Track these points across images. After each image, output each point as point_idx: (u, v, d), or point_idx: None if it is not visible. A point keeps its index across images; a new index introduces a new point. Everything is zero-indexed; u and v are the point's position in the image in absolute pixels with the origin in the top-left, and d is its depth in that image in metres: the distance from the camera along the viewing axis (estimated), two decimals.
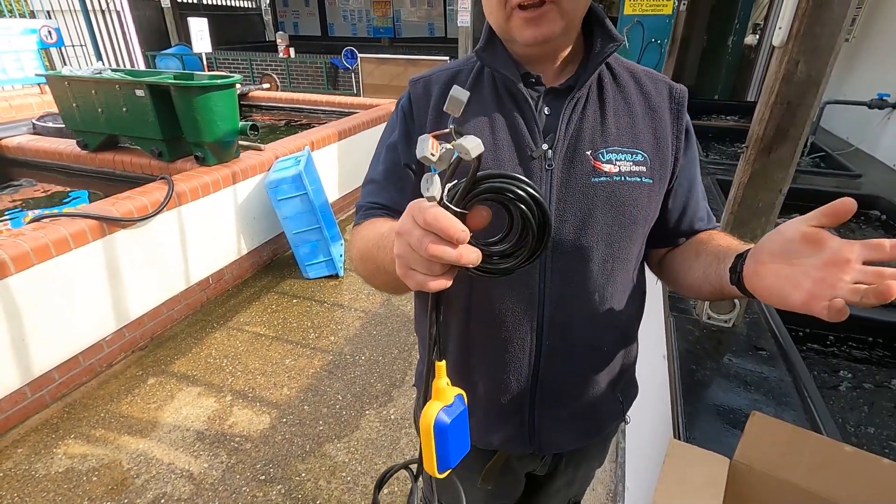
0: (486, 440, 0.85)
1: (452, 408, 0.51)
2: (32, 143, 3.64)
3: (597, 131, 0.71)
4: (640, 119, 0.73)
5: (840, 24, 0.87)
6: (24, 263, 1.99)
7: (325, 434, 2.08)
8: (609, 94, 0.73)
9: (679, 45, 4.89)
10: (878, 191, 2.02)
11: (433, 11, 10.64)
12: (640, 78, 0.76)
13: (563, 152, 0.70)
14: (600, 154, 0.70)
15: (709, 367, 1.05)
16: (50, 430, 2.08)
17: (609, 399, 0.85)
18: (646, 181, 0.71)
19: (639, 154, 0.71)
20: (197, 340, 2.67)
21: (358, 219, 0.79)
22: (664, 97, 0.75)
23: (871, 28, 2.78)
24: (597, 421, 0.86)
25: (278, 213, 3.10)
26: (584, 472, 1.00)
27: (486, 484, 0.90)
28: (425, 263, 0.45)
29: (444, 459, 0.51)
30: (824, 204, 0.53)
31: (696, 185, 0.80)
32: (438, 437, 0.50)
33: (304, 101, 5.44)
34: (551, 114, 0.71)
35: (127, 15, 8.29)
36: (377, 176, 0.79)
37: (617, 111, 0.72)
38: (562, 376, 0.78)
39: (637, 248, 0.77)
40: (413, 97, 0.77)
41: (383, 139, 0.81)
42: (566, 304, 0.73)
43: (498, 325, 0.75)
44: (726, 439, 0.87)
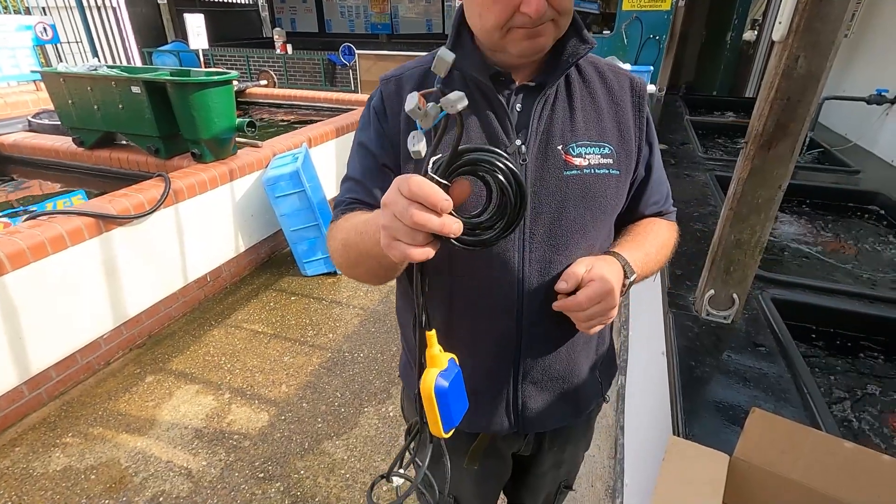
0: (471, 423, 0.85)
1: (448, 371, 0.55)
2: (28, 140, 3.62)
3: (566, 126, 0.74)
4: (606, 113, 0.76)
5: (840, 19, 0.87)
6: (20, 261, 1.97)
7: (323, 431, 2.08)
8: (576, 90, 0.76)
9: (677, 40, 4.88)
10: (876, 186, 2.02)
11: (431, 7, 10.60)
12: (603, 72, 0.79)
13: (536, 147, 0.73)
14: (571, 148, 0.73)
15: (708, 364, 1.05)
16: (48, 429, 2.07)
17: (589, 378, 0.89)
18: (613, 172, 0.75)
19: (606, 147, 0.75)
20: (195, 338, 2.66)
21: (335, 214, 0.80)
22: (626, 90, 0.79)
23: (870, 24, 2.78)
24: (577, 400, 0.89)
25: (276, 210, 3.09)
26: (570, 453, 1.02)
27: (473, 463, 0.93)
28: (409, 233, 0.47)
29: (448, 419, 0.55)
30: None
31: (653, 170, 0.84)
32: (440, 400, 0.54)
33: (302, 98, 5.42)
34: (523, 110, 0.74)
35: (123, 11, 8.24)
36: (356, 175, 0.80)
37: (584, 106, 0.75)
38: (542, 359, 0.82)
39: (605, 235, 0.82)
40: (385, 96, 0.77)
41: (357, 136, 0.82)
42: (544, 291, 0.76)
43: (480, 313, 0.78)
44: (726, 436, 0.87)
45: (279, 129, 4.54)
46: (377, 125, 0.77)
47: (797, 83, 0.92)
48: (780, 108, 0.94)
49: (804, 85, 0.92)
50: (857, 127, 2.63)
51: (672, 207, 0.92)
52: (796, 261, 1.62)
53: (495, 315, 0.78)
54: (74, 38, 7.09)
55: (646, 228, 0.85)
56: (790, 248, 1.69)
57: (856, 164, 2.24)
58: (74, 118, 3.16)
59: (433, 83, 0.75)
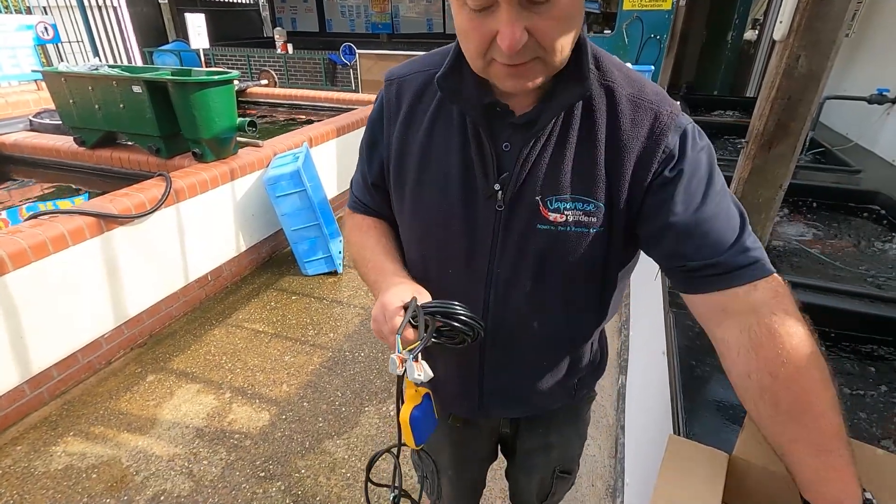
0: (444, 407, 0.96)
1: (422, 405, 0.72)
2: (30, 140, 3.62)
3: (551, 176, 0.67)
4: (603, 161, 0.66)
5: (841, 19, 0.87)
6: (21, 261, 1.98)
7: (324, 431, 2.08)
8: (574, 131, 0.66)
9: (678, 40, 4.89)
10: (877, 186, 2.01)
11: (432, 7, 10.60)
12: (618, 105, 0.65)
13: (512, 195, 0.69)
14: (549, 201, 0.68)
15: (708, 363, 1.05)
16: (49, 428, 2.08)
17: (559, 389, 0.90)
18: (593, 231, 0.68)
19: (590, 203, 0.67)
20: (196, 337, 2.66)
21: (349, 202, 0.91)
22: (643, 128, 0.64)
23: (871, 23, 2.77)
24: (544, 399, 0.91)
25: (277, 209, 3.09)
26: (557, 437, 1.02)
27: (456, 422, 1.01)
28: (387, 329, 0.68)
29: (420, 437, 0.73)
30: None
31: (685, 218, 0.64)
32: (413, 426, 0.71)
33: (303, 98, 5.42)
34: (510, 149, 0.68)
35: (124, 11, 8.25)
36: (359, 178, 0.87)
37: (580, 152, 0.66)
38: (505, 374, 0.86)
39: (581, 284, 0.75)
40: (385, 100, 0.77)
41: (362, 144, 0.84)
42: (505, 322, 0.78)
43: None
44: (726, 435, 0.87)
45: (280, 129, 4.54)
46: (372, 136, 0.81)
47: (798, 82, 0.92)
48: (781, 107, 0.94)
49: (805, 84, 0.92)
50: (858, 126, 2.62)
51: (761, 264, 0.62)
52: (796, 260, 1.61)
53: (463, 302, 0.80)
54: (76, 38, 7.09)
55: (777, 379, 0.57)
56: (790, 248, 1.69)
57: (856, 163, 2.24)
58: (76, 118, 3.17)
59: (427, 105, 0.74)
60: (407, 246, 0.83)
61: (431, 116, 0.72)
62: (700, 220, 0.64)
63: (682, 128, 0.65)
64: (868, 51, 2.78)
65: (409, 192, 0.76)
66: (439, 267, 0.78)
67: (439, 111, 0.72)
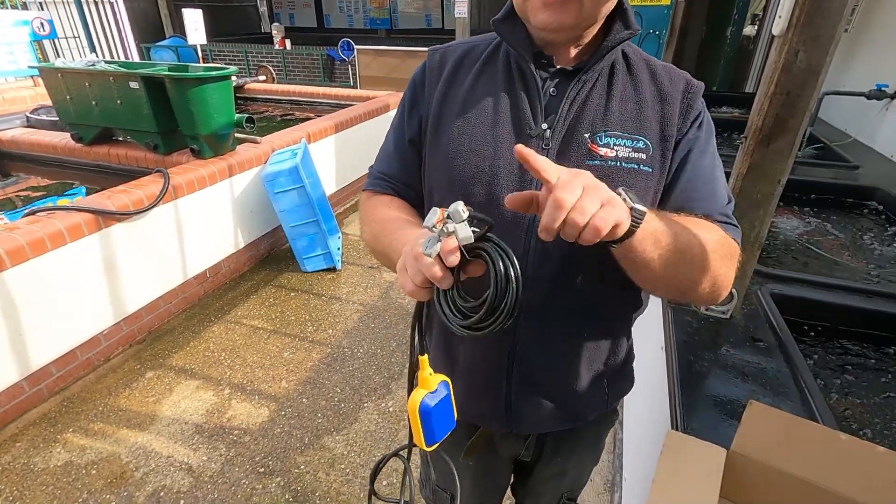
0: (465, 413, 0.86)
1: (436, 393, 0.60)
2: (27, 136, 3.61)
3: (598, 115, 0.70)
4: (649, 107, 0.71)
5: (840, 13, 0.87)
6: (19, 257, 1.97)
7: (323, 426, 2.09)
8: (619, 80, 0.72)
9: (677, 35, 4.87)
10: (875, 182, 2.02)
11: (430, 2, 10.55)
12: (656, 70, 0.74)
13: (562, 133, 0.70)
14: (598, 137, 0.69)
15: (706, 359, 1.06)
16: (48, 424, 2.08)
17: (590, 388, 0.84)
18: (644, 169, 0.69)
19: (640, 140, 0.70)
20: (195, 334, 2.66)
21: (368, 184, 0.87)
22: (678, 90, 0.73)
23: (870, 18, 2.77)
24: (574, 407, 0.85)
25: (275, 206, 3.09)
26: (574, 464, 0.99)
27: (469, 458, 0.93)
28: (413, 268, 0.55)
29: (431, 435, 0.60)
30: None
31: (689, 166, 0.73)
32: (423, 418, 0.59)
33: (301, 94, 5.40)
34: (557, 94, 0.71)
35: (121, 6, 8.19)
36: (389, 147, 0.85)
37: (624, 97, 0.71)
38: (537, 356, 0.79)
39: None
40: (428, 67, 0.81)
41: (398, 110, 0.86)
42: (542, 285, 0.73)
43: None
44: (724, 430, 0.87)
45: (278, 125, 4.53)
46: (412, 93, 0.81)
47: (797, 78, 0.92)
48: (780, 102, 0.94)
49: (804, 79, 0.92)
50: (857, 122, 2.62)
51: (729, 219, 0.72)
52: (795, 256, 1.62)
53: None
54: (72, 34, 7.05)
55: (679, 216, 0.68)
56: (789, 243, 1.69)
57: (855, 159, 2.24)
58: (72, 114, 3.15)
59: (474, 60, 0.78)
60: (439, 201, 0.79)
61: (476, 72, 0.77)
62: (711, 176, 0.72)
63: (703, 98, 0.74)
64: (867, 46, 2.78)
65: (450, 140, 0.75)
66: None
67: (483, 67, 0.77)
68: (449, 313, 0.55)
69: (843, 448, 0.60)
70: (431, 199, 0.81)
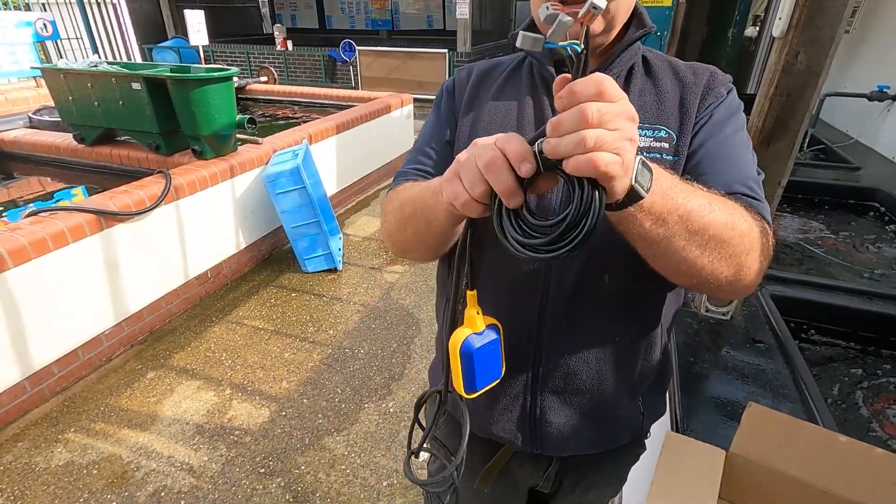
0: (486, 428, 0.82)
1: (482, 336, 0.54)
2: (29, 136, 3.62)
3: None
4: (670, 97, 0.71)
5: (841, 15, 0.87)
6: (21, 258, 1.98)
7: (324, 427, 2.09)
8: (637, 78, 0.73)
9: (679, 36, 4.87)
10: (877, 183, 2.01)
11: (431, 3, 10.57)
12: (678, 67, 0.75)
13: None
14: None
15: (707, 360, 1.06)
16: (50, 424, 2.08)
17: (624, 402, 0.78)
18: (667, 158, 0.68)
19: (662, 130, 0.70)
20: (196, 334, 2.67)
21: (396, 183, 0.80)
22: (701, 80, 0.72)
23: (872, 20, 2.76)
24: (608, 425, 0.78)
25: (276, 206, 3.09)
26: (594, 498, 0.91)
27: (484, 485, 0.87)
28: (473, 176, 0.48)
29: (471, 382, 0.54)
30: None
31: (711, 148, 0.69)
32: (464, 361, 0.53)
33: (302, 95, 5.41)
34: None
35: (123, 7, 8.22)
36: (420, 147, 0.84)
37: (644, 91, 0.72)
38: (566, 361, 0.73)
39: None
40: (457, 80, 0.85)
41: (429, 117, 0.87)
42: (571, 279, 0.69)
43: (500, 298, 0.72)
44: (723, 431, 0.87)
45: (279, 126, 4.54)
46: (447, 102, 0.83)
47: (797, 79, 0.92)
48: (780, 104, 0.94)
49: (804, 81, 0.92)
50: (859, 123, 2.62)
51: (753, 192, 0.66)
52: (796, 257, 1.62)
53: (517, 297, 0.72)
54: (74, 35, 7.08)
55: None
56: (790, 245, 1.69)
57: (856, 160, 2.24)
58: (75, 114, 3.16)
59: (499, 74, 0.81)
60: None
61: (501, 83, 0.80)
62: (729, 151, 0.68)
63: (730, 85, 0.74)
64: (869, 47, 2.77)
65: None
66: None
67: (508, 79, 0.79)
68: (511, 230, 0.48)
69: (842, 450, 0.60)
70: None
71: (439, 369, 0.93)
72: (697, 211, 0.53)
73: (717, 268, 0.57)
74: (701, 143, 0.69)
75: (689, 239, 0.53)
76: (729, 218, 0.56)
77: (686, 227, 0.52)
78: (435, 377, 0.97)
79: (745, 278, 0.60)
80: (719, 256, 0.56)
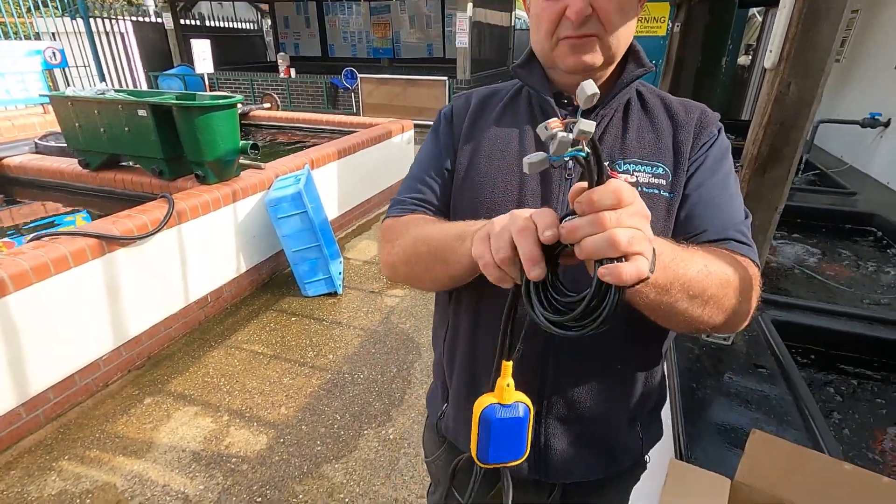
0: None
1: (508, 409, 0.53)
2: (34, 162, 3.67)
3: (616, 144, 0.73)
4: (665, 136, 0.74)
5: (829, 47, 0.89)
6: (23, 282, 1.98)
7: (322, 454, 2.06)
8: (634, 114, 0.75)
9: (674, 65, 4.98)
10: (873, 208, 2.03)
11: (432, 33, 10.83)
12: (671, 104, 0.77)
13: None
14: (618, 164, 0.72)
15: (709, 386, 1.05)
16: (44, 452, 2.05)
17: (625, 428, 0.80)
18: (664, 194, 0.71)
19: (659, 167, 0.72)
20: (194, 359, 2.65)
21: (395, 212, 0.82)
22: (693, 118, 0.75)
23: (862, 49, 2.84)
24: (610, 451, 0.80)
25: (278, 231, 3.11)
26: None
27: None
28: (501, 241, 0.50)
29: (484, 451, 0.53)
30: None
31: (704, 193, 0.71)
32: (482, 427, 0.53)
33: (305, 121, 5.51)
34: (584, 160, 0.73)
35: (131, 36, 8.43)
36: (419, 175, 0.84)
37: (641, 128, 0.74)
38: (571, 392, 0.75)
39: None
40: (454, 107, 0.85)
41: (426, 140, 0.88)
42: None
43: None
44: (728, 459, 0.86)
45: (282, 151, 4.60)
46: (445, 128, 0.84)
47: (789, 109, 0.94)
48: (774, 133, 0.96)
49: (796, 111, 0.94)
50: (853, 149, 2.66)
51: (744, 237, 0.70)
52: (795, 282, 1.62)
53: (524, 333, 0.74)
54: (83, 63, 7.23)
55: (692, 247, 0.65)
56: (789, 270, 1.70)
57: (852, 185, 2.27)
58: (81, 140, 3.21)
59: (497, 101, 0.81)
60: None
61: (500, 111, 0.81)
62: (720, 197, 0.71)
63: (720, 124, 0.77)
64: (860, 75, 2.84)
65: (478, 171, 0.77)
66: None
67: (506, 107, 0.81)
68: (538, 305, 0.49)
69: (847, 478, 0.60)
70: None
71: (438, 395, 0.94)
72: (696, 277, 0.57)
73: (714, 318, 0.62)
74: (697, 187, 0.72)
75: (691, 302, 0.58)
76: (724, 276, 0.61)
77: (687, 292, 0.56)
78: (433, 403, 0.97)
79: (741, 321, 0.66)
80: (718, 310, 0.61)
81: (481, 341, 0.79)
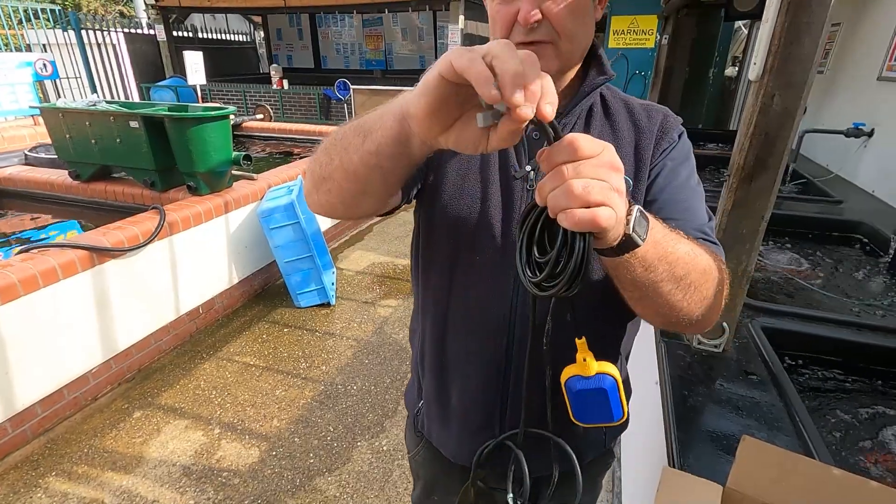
0: (459, 454, 0.88)
1: (590, 380, 0.60)
2: (24, 173, 3.64)
3: None
4: (626, 144, 0.74)
5: (811, 60, 0.92)
6: (10, 295, 1.96)
7: (315, 467, 2.03)
8: (596, 122, 0.75)
9: (662, 76, 5.06)
10: (859, 216, 2.07)
11: (424, 45, 10.92)
12: (633, 108, 0.77)
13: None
14: None
15: (701, 393, 1.06)
16: (30, 468, 2.01)
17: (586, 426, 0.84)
18: None
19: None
20: (185, 372, 2.62)
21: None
22: (655, 123, 0.75)
23: (845, 60, 2.90)
24: (573, 447, 0.81)
25: (270, 241, 3.10)
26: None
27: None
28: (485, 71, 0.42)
29: (580, 414, 0.62)
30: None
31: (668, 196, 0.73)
32: (570, 394, 0.61)
33: (298, 132, 5.52)
34: (539, 138, 0.74)
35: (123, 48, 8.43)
36: None
37: (602, 135, 0.74)
38: (531, 394, 0.75)
39: None
40: None
41: None
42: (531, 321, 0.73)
43: (471, 332, 0.79)
44: (720, 465, 0.86)
45: (275, 162, 4.60)
46: None
47: (774, 120, 0.96)
48: (759, 143, 0.98)
49: (781, 121, 0.96)
50: (838, 158, 2.71)
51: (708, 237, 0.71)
52: (784, 290, 1.64)
53: (486, 335, 0.78)
54: (74, 74, 7.21)
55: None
56: (777, 277, 1.72)
57: (838, 194, 2.30)
58: (71, 152, 3.20)
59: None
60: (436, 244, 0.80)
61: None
62: (683, 198, 0.73)
63: (681, 128, 0.78)
64: (843, 86, 2.90)
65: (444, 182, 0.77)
66: (470, 254, 0.77)
67: None
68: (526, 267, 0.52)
69: (837, 483, 0.60)
70: (419, 236, 0.83)
71: (414, 392, 0.98)
72: (683, 258, 0.57)
73: (692, 308, 0.62)
74: (660, 191, 0.73)
75: (675, 284, 0.58)
76: (706, 264, 0.61)
77: (673, 273, 0.57)
78: (410, 400, 1.00)
79: (713, 316, 0.66)
80: (697, 298, 0.61)
81: (450, 345, 0.83)
